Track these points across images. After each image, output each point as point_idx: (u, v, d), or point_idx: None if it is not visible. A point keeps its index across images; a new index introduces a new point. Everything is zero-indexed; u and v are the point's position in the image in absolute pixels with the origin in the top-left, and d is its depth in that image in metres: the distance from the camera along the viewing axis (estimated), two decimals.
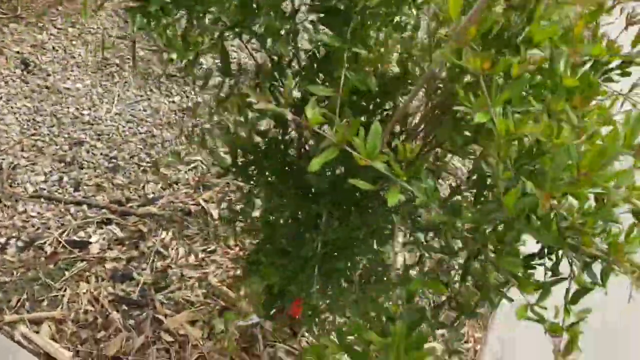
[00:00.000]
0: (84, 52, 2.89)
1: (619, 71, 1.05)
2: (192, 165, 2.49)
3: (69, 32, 3.03)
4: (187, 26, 0.96)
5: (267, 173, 1.11)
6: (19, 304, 1.90)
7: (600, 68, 1.00)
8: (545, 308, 0.79)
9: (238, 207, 1.17)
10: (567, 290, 0.93)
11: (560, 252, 1.01)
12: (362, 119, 1.14)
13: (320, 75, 1.06)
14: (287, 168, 1.11)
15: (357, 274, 1.09)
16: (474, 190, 0.88)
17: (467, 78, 0.84)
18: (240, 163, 1.09)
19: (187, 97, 2.80)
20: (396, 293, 0.86)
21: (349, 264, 1.06)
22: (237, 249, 2.16)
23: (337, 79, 0.94)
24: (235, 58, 2.95)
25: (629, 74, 1.06)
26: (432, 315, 1.03)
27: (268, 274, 0.95)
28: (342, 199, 1.08)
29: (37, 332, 1.83)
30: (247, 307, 1.94)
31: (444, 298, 1.11)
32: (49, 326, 1.86)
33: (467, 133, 1.03)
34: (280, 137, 1.16)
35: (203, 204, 2.31)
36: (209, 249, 2.14)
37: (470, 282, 1.08)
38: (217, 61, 2.81)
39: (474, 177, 0.89)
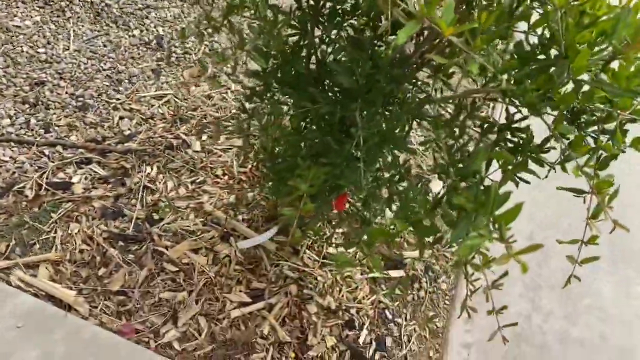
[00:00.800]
0: None
1: None
2: (165, 99, 2.41)
3: None
4: None
5: (295, 78, 1.11)
6: (9, 250, 1.83)
7: None
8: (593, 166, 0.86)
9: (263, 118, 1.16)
10: (598, 158, 1.02)
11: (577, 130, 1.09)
12: None
13: None
14: (313, 73, 1.12)
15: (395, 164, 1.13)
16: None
17: None
18: (270, 68, 1.08)
19: (147, 30, 2.67)
20: (450, 170, 0.90)
21: (389, 156, 1.09)
22: (226, 177, 2.16)
23: None
24: None
25: None
26: None
27: (315, 174, 0.97)
28: (372, 97, 1.10)
29: (35, 276, 1.79)
30: (248, 231, 1.96)
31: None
32: (46, 268, 1.81)
33: None
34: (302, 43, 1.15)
35: (183, 136, 2.27)
36: (198, 180, 2.12)
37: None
38: None
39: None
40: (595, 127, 1.07)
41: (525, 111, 1.03)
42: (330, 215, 1.59)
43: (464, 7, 1.16)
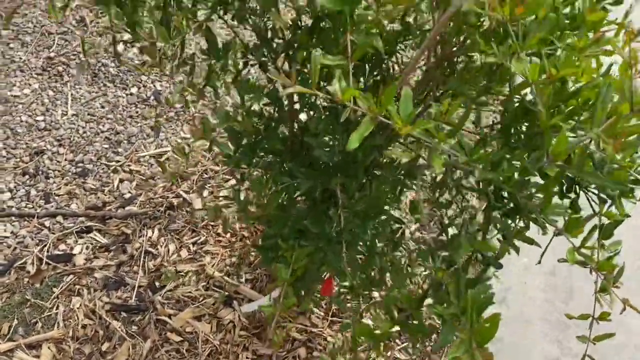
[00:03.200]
0: (25, 55, 2.69)
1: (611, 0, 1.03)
2: (164, 157, 2.38)
3: (3, 34, 2.81)
4: (168, 11, 0.88)
5: (272, 154, 1.05)
6: (11, 331, 1.80)
7: None
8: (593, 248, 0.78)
9: (246, 195, 1.10)
10: (601, 227, 0.92)
11: (578, 189, 1.01)
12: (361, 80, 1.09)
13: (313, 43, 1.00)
14: (291, 147, 1.06)
15: (380, 245, 1.06)
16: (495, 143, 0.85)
17: (484, 25, 0.79)
18: (242, 148, 1.02)
19: (145, 87, 2.67)
20: (438, 255, 0.83)
21: (374, 234, 1.02)
22: (229, 235, 2.10)
23: (338, 44, 0.89)
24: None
25: (621, 2, 1.04)
26: (463, 270, 1.00)
27: (298, 257, 0.91)
28: (353, 171, 1.04)
29: (38, 357, 1.75)
30: (252, 293, 1.90)
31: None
32: (49, 348, 1.77)
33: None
34: (276, 116, 1.10)
35: (184, 195, 2.23)
36: (200, 241, 2.07)
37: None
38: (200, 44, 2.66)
39: (496, 128, 0.86)
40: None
41: None
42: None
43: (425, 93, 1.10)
